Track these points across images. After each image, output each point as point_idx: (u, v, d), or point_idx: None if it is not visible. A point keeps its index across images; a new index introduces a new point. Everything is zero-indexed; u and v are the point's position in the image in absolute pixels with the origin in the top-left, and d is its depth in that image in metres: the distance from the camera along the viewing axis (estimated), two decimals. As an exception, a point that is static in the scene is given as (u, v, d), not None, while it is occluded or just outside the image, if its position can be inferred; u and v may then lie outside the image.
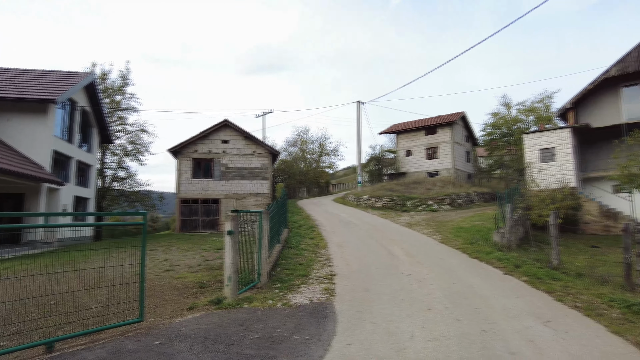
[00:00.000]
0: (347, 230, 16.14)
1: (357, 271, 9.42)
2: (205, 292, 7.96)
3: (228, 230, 7.22)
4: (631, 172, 15.22)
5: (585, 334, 5.28)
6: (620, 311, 6.17)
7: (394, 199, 25.36)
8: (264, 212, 9.14)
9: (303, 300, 7.24)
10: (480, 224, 16.24)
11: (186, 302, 7.22)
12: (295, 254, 11.64)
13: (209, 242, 16.27)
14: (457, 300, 6.93)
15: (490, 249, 11.60)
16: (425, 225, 17.06)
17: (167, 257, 12.43)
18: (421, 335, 5.35)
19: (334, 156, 48.36)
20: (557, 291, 7.28)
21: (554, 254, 9.74)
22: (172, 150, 23.49)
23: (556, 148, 21.67)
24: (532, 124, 33.47)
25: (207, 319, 6.18)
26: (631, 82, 21.25)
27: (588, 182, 22.42)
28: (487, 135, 36.75)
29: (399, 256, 10.97)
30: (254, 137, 24.99)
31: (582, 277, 8.43)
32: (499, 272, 9.09)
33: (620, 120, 21.21)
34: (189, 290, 8.12)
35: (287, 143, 47.38)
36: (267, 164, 24.70)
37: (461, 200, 26.45)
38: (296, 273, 9.37)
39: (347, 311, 6.52)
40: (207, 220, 23.30)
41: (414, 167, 36.54)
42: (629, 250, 7.57)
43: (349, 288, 7.99)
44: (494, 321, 5.81)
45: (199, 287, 8.31)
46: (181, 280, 9.06)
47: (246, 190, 24.07)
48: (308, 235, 14.92)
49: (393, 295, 7.38)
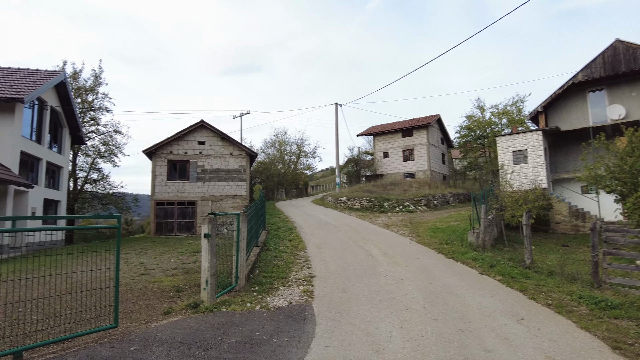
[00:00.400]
0: (325, 231, 16.17)
1: (335, 272, 9.45)
2: (182, 296, 7.82)
3: (205, 233, 7.12)
4: (598, 173, 15.76)
5: (556, 331, 5.45)
6: (588, 308, 6.40)
7: (371, 200, 25.57)
8: (242, 214, 9.05)
9: (282, 303, 7.21)
10: (456, 225, 16.55)
11: (162, 307, 7.08)
12: (273, 256, 11.58)
13: (185, 245, 16.02)
14: (434, 300, 7.04)
15: (466, 249, 11.84)
16: (402, 226, 17.27)
17: (142, 260, 12.17)
18: (399, 336, 5.40)
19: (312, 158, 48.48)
20: (530, 290, 7.49)
21: (527, 253, 10.02)
22: (146, 152, 23.02)
23: (528, 150, 22.32)
24: (505, 127, 34.44)
25: (184, 323, 6.08)
26: (596, 87, 22.11)
27: (558, 183, 23.19)
28: (461, 137, 37.60)
29: (377, 257, 11.06)
30: (231, 138, 24.75)
31: (553, 276, 8.70)
32: (474, 272, 9.29)
33: (587, 123, 22.05)
34: (165, 295, 7.97)
35: (265, 144, 47.31)
36: (245, 165, 24.50)
37: (437, 201, 26.91)
38: (275, 275, 9.32)
39: (326, 313, 6.53)
40: (183, 222, 22.92)
41: (391, 169, 36.96)
42: (596, 248, 7.86)
43: (327, 290, 8.01)
44: (470, 320, 5.93)
45: (175, 291, 8.16)
46: (157, 284, 8.88)
47: (223, 192, 23.81)
48: (286, 237, 14.88)
49: (371, 295, 7.43)
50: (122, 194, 31.28)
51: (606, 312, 6.18)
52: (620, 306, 6.36)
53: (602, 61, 21.28)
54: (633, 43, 20.73)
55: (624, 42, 20.99)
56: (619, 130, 17.37)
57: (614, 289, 7.50)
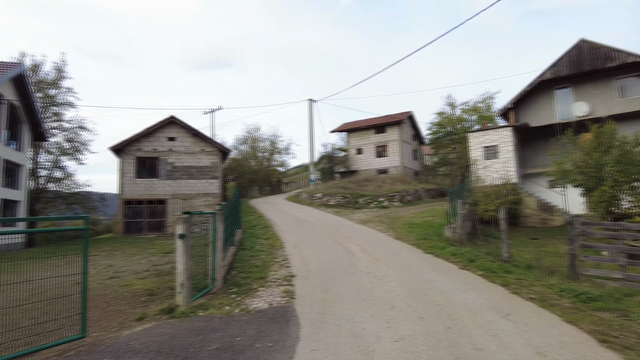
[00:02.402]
0: (302, 229, 15.93)
1: (316, 271, 9.24)
2: (156, 300, 7.42)
3: (180, 233, 6.76)
4: (565, 168, 16.22)
5: (542, 325, 5.44)
6: (570, 301, 6.46)
7: (346, 196, 25.51)
8: (218, 212, 8.70)
9: (262, 305, 6.93)
10: (431, 220, 16.66)
11: (135, 313, 6.67)
12: (250, 256, 11.25)
13: (156, 245, 15.42)
14: (418, 297, 6.94)
15: (444, 244, 11.87)
16: (378, 222, 17.25)
17: (110, 262, 11.58)
18: (388, 336, 5.25)
19: (286, 154, 47.91)
20: (512, 284, 7.52)
21: (504, 247, 10.12)
22: (114, 149, 22.06)
23: (499, 146, 22.81)
24: (475, 123, 35.13)
25: (160, 330, 5.72)
26: (563, 85, 22.82)
27: (527, 178, 23.82)
28: (433, 134, 38.14)
29: (357, 254, 10.93)
30: (203, 135, 24.10)
31: (531, 269, 8.80)
32: (454, 267, 9.28)
33: (554, 120, 22.73)
34: (137, 299, 7.53)
35: (238, 141, 46.40)
36: (217, 162, 23.91)
37: (410, 197, 27.12)
38: (253, 276, 9.02)
39: (309, 314, 6.31)
40: (152, 222, 22.13)
41: (365, 165, 37.07)
42: (574, 242, 7.98)
43: (309, 289, 7.78)
44: (457, 317, 5.85)
45: (148, 295, 7.74)
46: (128, 288, 8.41)
47: (195, 190, 23.15)
48: (263, 236, 14.54)
49: (354, 294, 7.26)
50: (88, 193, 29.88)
51: (588, 304, 6.25)
52: (600, 298, 6.46)
53: (567, 60, 21.96)
54: (596, 43, 21.48)
55: (587, 42, 21.71)
56: (585, 126, 17.95)
57: (591, 280, 7.63)
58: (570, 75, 21.93)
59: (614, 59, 20.70)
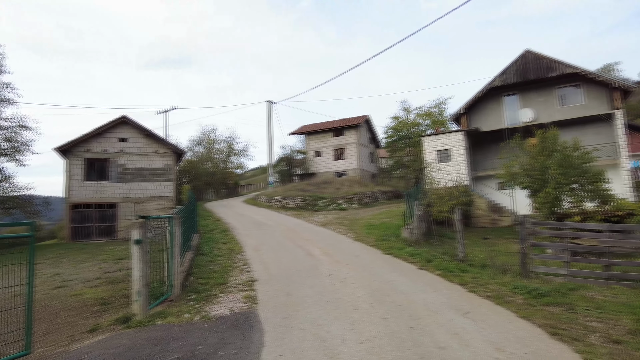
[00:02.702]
0: (262, 232, 15.73)
1: (277, 275, 9.14)
2: (109, 309, 7.03)
3: (136, 239, 6.45)
4: (513, 171, 17.13)
5: (500, 322, 5.69)
6: (523, 297, 6.80)
7: (306, 198, 25.50)
8: (175, 216, 8.41)
9: (224, 311, 6.75)
10: (389, 221, 17.00)
11: (86, 324, 6.28)
12: (209, 261, 10.94)
13: (106, 251, 14.65)
14: (380, 298, 7.03)
15: (402, 245, 12.14)
16: (338, 224, 17.37)
17: (57, 271, 10.85)
18: (352, 338, 5.27)
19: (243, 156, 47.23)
20: (469, 283, 7.80)
21: (459, 247, 10.50)
22: (60, 149, 20.72)
23: (451, 149, 23.69)
24: (428, 127, 36.32)
25: (115, 341, 5.42)
26: (511, 92, 24.10)
27: (478, 180, 24.90)
28: (388, 137, 39.04)
29: (318, 256, 10.93)
30: (156, 135, 23.21)
31: (486, 268, 9.18)
32: (413, 267, 9.51)
33: (503, 125, 23.94)
34: (88, 309, 7.11)
35: (193, 142, 45.10)
36: (171, 164, 23.11)
37: (368, 199, 27.55)
38: (212, 282, 8.77)
39: (273, 319, 6.22)
40: (102, 227, 21.01)
41: (323, 168, 37.26)
42: (525, 241, 8.42)
43: (271, 294, 7.68)
44: (418, 317, 5.98)
45: (100, 305, 7.32)
46: (78, 297, 7.91)
47: (147, 193, 22.23)
48: (221, 240, 14.20)
49: (317, 297, 7.25)
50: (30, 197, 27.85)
51: (539, 300, 6.61)
52: (549, 293, 6.84)
53: (515, 69, 23.22)
54: (539, 54, 22.87)
55: (532, 52, 23.07)
56: (530, 131, 19.05)
57: (540, 277, 8.08)
58: (517, 83, 23.21)
59: (555, 69, 22.14)
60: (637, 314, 5.82)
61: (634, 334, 5.20)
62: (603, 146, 20.88)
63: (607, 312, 5.98)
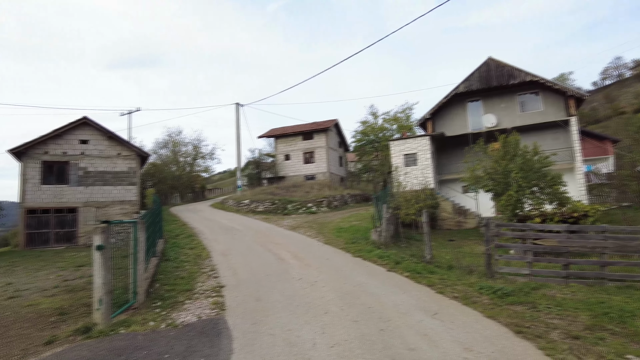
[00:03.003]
0: (230, 237, 15.45)
1: (246, 280, 8.98)
2: (68, 320, 6.68)
3: (98, 244, 6.18)
4: (477, 174, 17.65)
5: (467, 322, 5.80)
6: (489, 297, 6.99)
7: (275, 202, 25.32)
8: (140, 221, 8.12)
9: (190, 318, 6.56)
10: (358, 224, 17.12)
11: (42, 336, 5.94)
12: (175, 267, 10.63)
13: (66, 258, 13.98)
14: (350, 301, 7.04)
15: (371, 247, 12.23)
16: (308, 228, 17.33)
17: (9, 280, 10.24)
18: (323, 342, 5.24)
19: (210, 159, 46.25)
20: (436, 284, 7.94)
21: (427, 249, 10.69)
22: (14, 152, 19.62)
23: (418, 154, 24.18)
24: (395, 132, 37.00)
25: (74, 353, 5.15)
26: (474, 98, 24.91)
27: (444, 183, 25.54)
28: (357, 141, 39.48)
29: (288, 260, 10.84)
30: (119, 137, 22.43)
31: (452, 269, 9.39)
32: (382, 270, 9.59)
33: (467, 130, 24.68)
34: (44, 320, 6.73)
35: (158, 145, 43.89)
36: (135, 167, 22.39)
37: (337, 202, 27.69)
38: (178, 288, 8.52)
39: (242, 325, 6.10)
40: (61, 232, 20.06)
41: (293, 171, 37.16)
42: (489, 242, 8.67)
43: (240, 299, 7.53)
44: (388, 319, 6.02)
45: (58, 315, 6.95)
46: (33, 308, 7.48)
47: (110, 198, 21.43)
48: (187, 245, 13.84)
49: (287, 301, 7.17)
50: (-22, 202, 26.31)
51: (503, 299, 6.81)
52: (513, 293, 7.07)
53: (478, 75, 24.02)
54: (501, 62, 23.77)
55: (494, 60, 23.95)
56: (493, 136, 19.71)
57: (504, 277, 8.34)
58: (480, 90, 24.02)
59: (515, 77, 23.07)
60: (593, 311, 6.11)
61: (591, 329, 5.44)
62: (560, 151, 21.95)
63: (566, 310, 6.23)
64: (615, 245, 8.21)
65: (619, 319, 5.73)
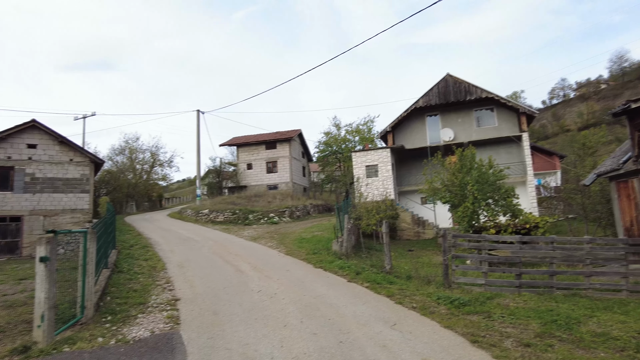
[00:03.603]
0: (187, 248, 14.97)
1: (203, 293, 8.69)
2: (4, 338, 6.16)
3: (42, 256, 5.78)
4: (434, 186, 18.13)
5: (425, 332, 5.87)
6: (446, 307, 7.12)
7: (236, 212, 24.87)
8: (91, 231, 7.69)
9: (143, 333, 6.24)
10: (320, 234, 17.10)
11: (-26, 356, 5.44)
12: (128, 279, 10.14)
13: (6, 271, 13.01)
14: (310, 313, 6.95)
15: (332, 258, 12.22)
16: (269, 238, 17.10)
17: (-61, 296, 9.36)
18: (281, 356, 5.12)
19: (169, 167, 44.93)
20: (396, 295, 8.01)
21: (386, 259, 10.80)
22: (-50, 155, 18.22)
23: (379, 165, 24.58)
24: (357, 144, 37.60)
25: (10, 375, 4.74)
26: (433, 113, 25.73)
27: (403, 194, 26.07)
28: (320, 152, 39.77)
29: (247, 272, 10.61)
30: (72, 143, 21.32)
31: (411, 279, 9.52)
32: (343, 280, 9.58)
33: (426, 143, 25.40)
34: (-23, 339, 6.17)
35: (114, 151, 42.21)
36: (88, 174, 21.34)
37: (299, 212, 27.62)
38: (131, 301, 8.11)
39: (197, 339, 5.87)
40: (3, 243, 18.70)
41: (255, 181, 36.74)
42: (447, 253, 8.87)
43: (196, 313, 7.26)
44: (348, 330, 5.99)
45: (-6, 333, 6.40)
46: (-36, 326, 6.86)
47: (60, 206, 20.26)
48: (142, 257, 13.27)
49: (246, 315, 6.99)
50: None
51: (460, 309, 6.96)
52: (469, 302, 7.25)
53: (437, 91, 24.85)
54: (459, 78, 24.74)
55: (452, 77, 24.89)
56: (451, 150, 20.38)
57: (461, 287, 8.54)
58: (438, 105, 24.85)
59: (472, 93, 24.07)
60: (543, 318, 6.36)
61: (541, 336, 5.65)
62: (513, 165, 23.01)
63: (518, 318, 6.45)
64: (563, 255, 8.64)
65: (566, 326, 5.99)
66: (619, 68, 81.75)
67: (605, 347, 5.24)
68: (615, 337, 5.56)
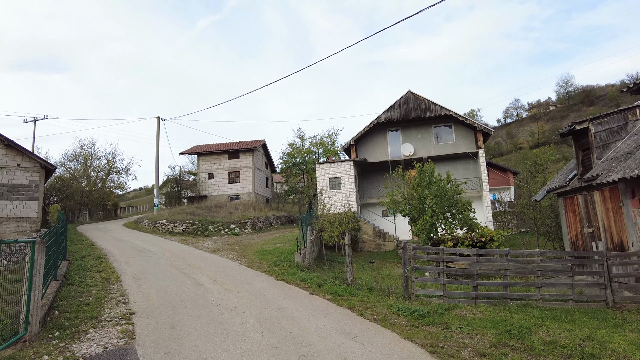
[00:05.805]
0: (143, 259, 14.40)
1: (160, 306, 8.38)
2: (-64, 357, 5.66)
3: (-17, 268, 5.38)
4: (395, 199, 18.53)
5: (386, 344, 5.93)
6: (406, 319, 7.24)
7: (195, 223, 24.24)
8: (39, 241, 7.25)
9: (95, 349, 5.92)
10: (282, 246, 16.97)
11: None
12: (79, 292, 9.60)
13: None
14: (271, 326, 6.86)
15: (294, 270, 12.15)
16: (229, 250, 16.78)
17: None
18: (242, 371, 5.01)
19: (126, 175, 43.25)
20: (357, 306, 8.06)
21: (348, 271, 10.86)
22: None
23: (342, 177, 24.85)
24: (321, 156, 37.91)
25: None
26: (395, 128, 26.42)
27: (365, 207, 26.44)
28: (284, 163, 39.75)
29: (206, 285, 10.34)
30: (20, 147, 20.13)
31: (372, 291, 9.61)
32: (305, 293, 9.53)
33: (387, 157, 25.99)
34: None
35: (67, 157, 40.21)
36: (38, 180, 20.18)
37: (262, 224, 27.33)
38: (82, 315, 7.69)
39: (153, 355, 5.64)
40: (-64, 253, 17.24)
41: (216, 191, 36.06)
42: (407, 265, 9.05)
43: (152, 327, 6.98)
44: (309, 343, 5.95)
45: None
46: None
47: (4, 214, 19.00)
48: (95, 268, 12.63)
49: (205, 329, 6.79)
50: None
51: (420, 320, 7.09)
52: (429, 314, 7.40)
53: (398, 107, 25.58)
54: (419, 95, 25.59)
55: (414, 94, 25.72)
56: (411, 164, 20.97)
57: (421, 299, 8.72)
58: (400, 120, 25.56)
59: (432, 110, 24.95)
60: (497, 328, 6.60)
61: (496, 346, 5.85)
62: (470, 180, 23.92)
63: (475, 329, 6.66)
64: (516, 267, 9.04)
65: (519, 335, 6.24)
66: (565, 92, 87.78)
67: (553, 355, 5.50)
68: (563, 344, 5.85)
